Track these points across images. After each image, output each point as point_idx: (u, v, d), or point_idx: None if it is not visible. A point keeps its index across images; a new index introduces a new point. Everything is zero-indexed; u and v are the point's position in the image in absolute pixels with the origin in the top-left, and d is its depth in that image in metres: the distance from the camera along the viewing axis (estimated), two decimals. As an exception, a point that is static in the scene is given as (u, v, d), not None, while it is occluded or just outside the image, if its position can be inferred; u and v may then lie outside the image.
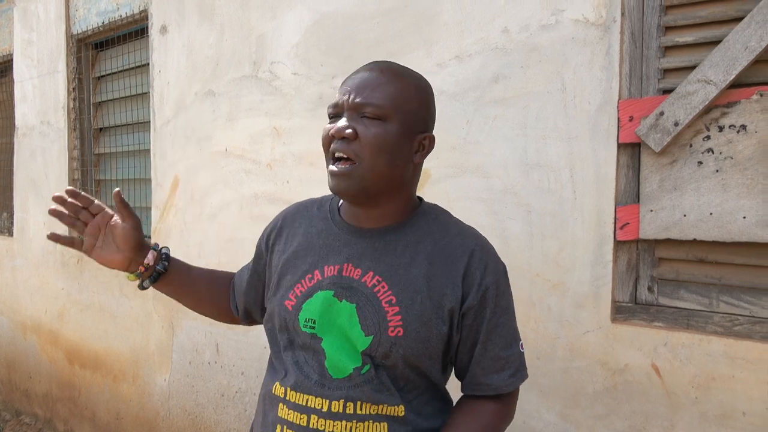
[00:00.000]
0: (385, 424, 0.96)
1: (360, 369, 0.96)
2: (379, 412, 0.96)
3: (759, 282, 1.35)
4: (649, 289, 1.50)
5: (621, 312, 1.53)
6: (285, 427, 0.97)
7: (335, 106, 0.97)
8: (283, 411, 0.98)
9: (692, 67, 1.39)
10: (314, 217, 1.09)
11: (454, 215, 1.74)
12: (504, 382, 1.00)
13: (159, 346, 2.80)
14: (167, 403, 2.78)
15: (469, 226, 1.07)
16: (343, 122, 0.94)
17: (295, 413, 0.96)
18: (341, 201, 1.09)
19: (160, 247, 1.18)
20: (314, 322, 0.97)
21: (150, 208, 2.87)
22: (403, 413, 0.97)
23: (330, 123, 0.98)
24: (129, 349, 2.98)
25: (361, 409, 0.95)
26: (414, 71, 1.05)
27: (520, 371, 1.02)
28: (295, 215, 1.12)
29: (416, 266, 0.98)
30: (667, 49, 1.45)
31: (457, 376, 1.07)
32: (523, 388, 1.66)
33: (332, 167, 0.96)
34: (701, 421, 1.40)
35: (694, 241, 1.40)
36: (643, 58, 1.47)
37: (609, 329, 1.52)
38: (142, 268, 1.13)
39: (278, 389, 0.99)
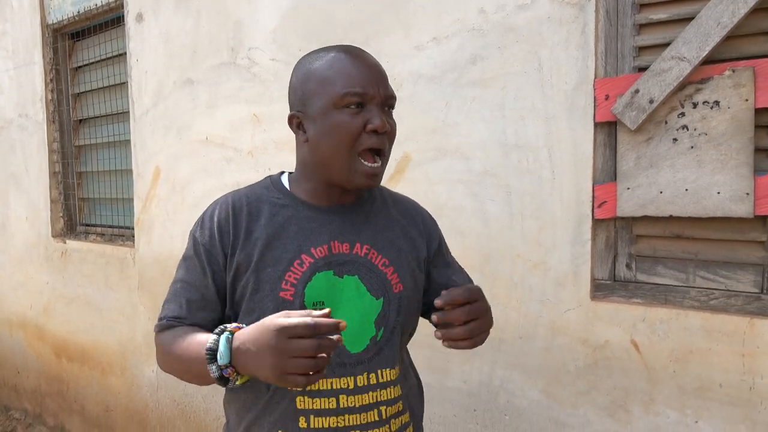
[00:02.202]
0: (399, 386, 1.04)
1: (375, 337, 1.01)
2: (392, 376, 1.02)
3: (734, 256, 1.37)
4: (628, 266, 1.51)
5: (600, 289, 1.54)
6: (312, 416, 0.96)
7: (361, 95, 0.94)
8: (303, 403, 0.97)
9: (666, 44, 1.40)
10: (272, 206, 1.02)
11: (436, 198, 1.76)
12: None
13: (146, 337, 2.79)
14: (156, 393, 2.78)
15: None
16: (380, 116, 0.95)
17: (321, 399, 0.96)
18: (288, 184, 1.06)
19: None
20: (323, 304, 0.98)
21: (132, 200, 2.84)
22: (398, 372, 1.05)
23: (354, 112, 0.94)
24: (116, 341, 2.97)
25: (382, 377, 1.00)
26: None
27: None
28: (241, 208, 1.02)
29: (391, 229, 1.08)
30: (642, 26, 1.45)
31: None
32: (507, 368, 1.69)
33: (370, 165, 0.96)
34: (680, 394, 1.42)
35: (671, 217, 1.42)
36: (618, 36, 1.47)
37: (589, 307, 1.54)
38: None
39: None
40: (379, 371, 1.00)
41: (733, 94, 1.31)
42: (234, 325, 0.90)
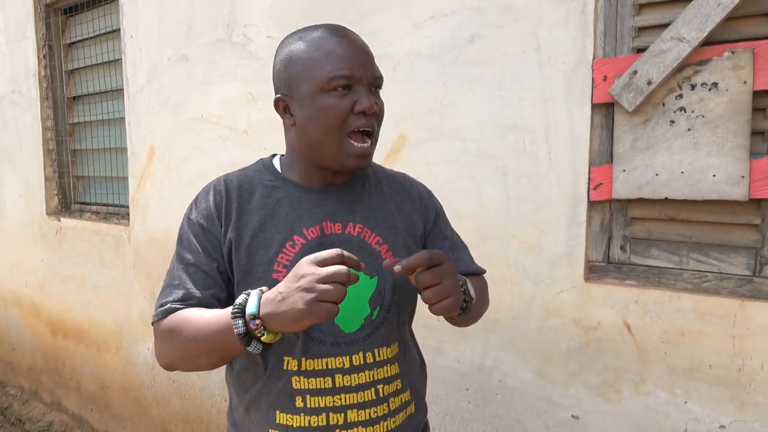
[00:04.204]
0: (397, 364, 1.04)
1: (370, 316, 1.00)
2: (390, 354, 1.02)
3: (727, 239, 1.38)
4: (622, 248, 1.52)
5: (594, 271, 1.55)
6: (308, 396, 0.97)
7: (349, 78, 0.93)
8: (299, 382, 0.97)
9: (666, 25, 1.38)
10: (263, 188, 1.02)
11: (432, 179, 1.75)
12: (479, 269, 1.18)
13: (142, 315, 2.80)
14: (152, 371, 2.80)
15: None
16: (368, 97, 0.94)
17: (317, 379, 0.97)
18: (279, 167, 1.06)
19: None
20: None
21: (127, 178, 2.83)
22: (396, 350, 1.05)
23: (341, 95, 0.93)
24: (112, 319, 2.98)
25: (379, 356, 1.00)
26: None
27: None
28: (233, 190, 1.02)
29: (384, 206, 1.07)
30: (642, 6, 1.43)
31: None
32: (500, 348, 1.70)
33: (360, 145, 0.96)
34: (670, 375, 1.44)
35: (666, 199, 1.42)
36: (618, 16, 1.46)
37: (582, 288, 1.54)
38: None
39: (290, 364, 0.97)
40: (375, 350, 1.00)
41: (731, 76, 1.30)
42: (265, 287, 0.87)
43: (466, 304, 0.98)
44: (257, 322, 0.82)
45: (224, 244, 0.99)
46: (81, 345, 3.21)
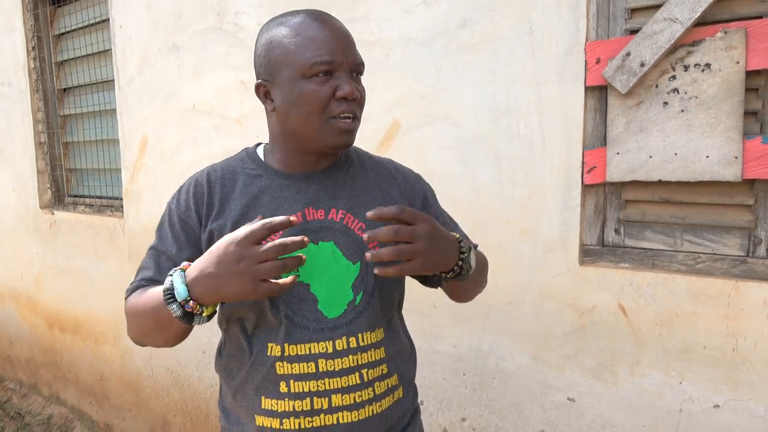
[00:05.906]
0: (382, 348, 1.04)
1: (353, 301, 1.00)
2: (374, 339, 1.02)
3: (721, 220, 1.38)
4: (616, 231, 1.52)
5: (589, 255, 1.55)
6: (292, 381, 0.97)
7: (329, 63, 0.93)
8: (283, 368, 0.98)
9: (659, 6, 1.37)
10: (246, 177, 1.03)
11: (426, 165, 1.75)
12: (473, 244, 1.15)
13: (138, 307, 2.79)
14: (149, 362, 2.80)
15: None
16: (349, 83, 0.94)
17: (300, 364, 0.97)
18: (263, 155, 1.07)
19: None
20: (297, 271, 0.98)
21: (120, 170, 2.81)
22: (382, 335, 1.05)
23: (322, 81, 0.93)
24: (108, 311, 2.98)
25: (363, 340, 1.00)
26: None
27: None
28: (216, 181, 1.03)
29: (368, 192, 1.06)
30: (635, -13, 1.42)
31: None
32: (496, 333, 1.70)
33: (342, 123, 0.96)
34: (665, 356, 1.44)
35: (660, 182, 1.42)
36: (611, -3, 1.45)
37: (577, 272, 1.55)
38: None
39: (273, 350, 0.99)
40: (359, 335, 1.00)
41: (724, 57, 1.29)
42: (185, 263, 0.91)
43: (460, 270, 0.95)
44: (191, 304, 0.86)
45: (204, 235, 1.01)
46: (78, 338, 3.21)
